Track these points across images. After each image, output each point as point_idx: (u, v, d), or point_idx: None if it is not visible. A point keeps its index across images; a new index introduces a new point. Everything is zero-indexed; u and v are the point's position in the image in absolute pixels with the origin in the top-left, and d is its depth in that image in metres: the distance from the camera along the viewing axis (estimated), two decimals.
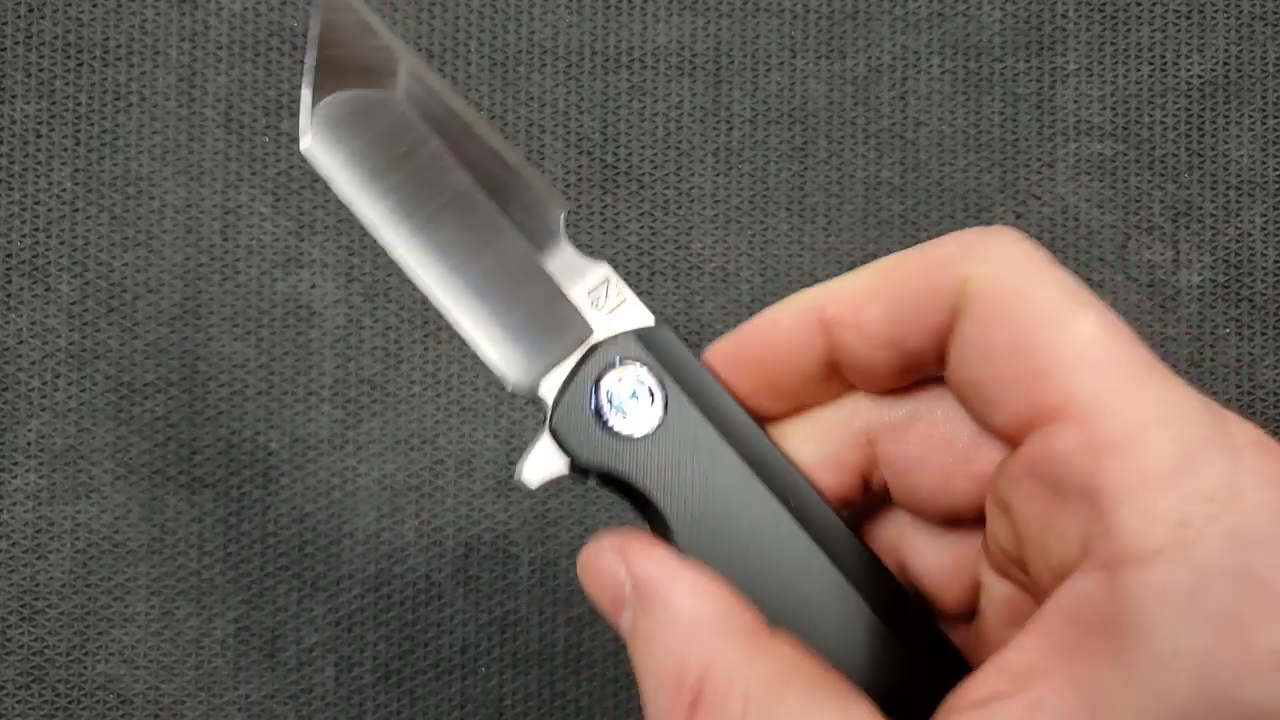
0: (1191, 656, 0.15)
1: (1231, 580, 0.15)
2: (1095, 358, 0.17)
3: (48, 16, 0.39)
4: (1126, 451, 0.16)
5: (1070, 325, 0.18)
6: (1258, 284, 0.40)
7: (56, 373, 0.39)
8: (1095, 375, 0.17)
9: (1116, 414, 0.17)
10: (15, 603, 0.38)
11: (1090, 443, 0.17)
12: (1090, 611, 0.16)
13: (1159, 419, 0.17)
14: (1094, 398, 0.17)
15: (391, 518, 0.39)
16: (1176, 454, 0.16)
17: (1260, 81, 0.41)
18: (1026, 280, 0.18)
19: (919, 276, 0.19)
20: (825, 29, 0.41)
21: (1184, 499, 0.16)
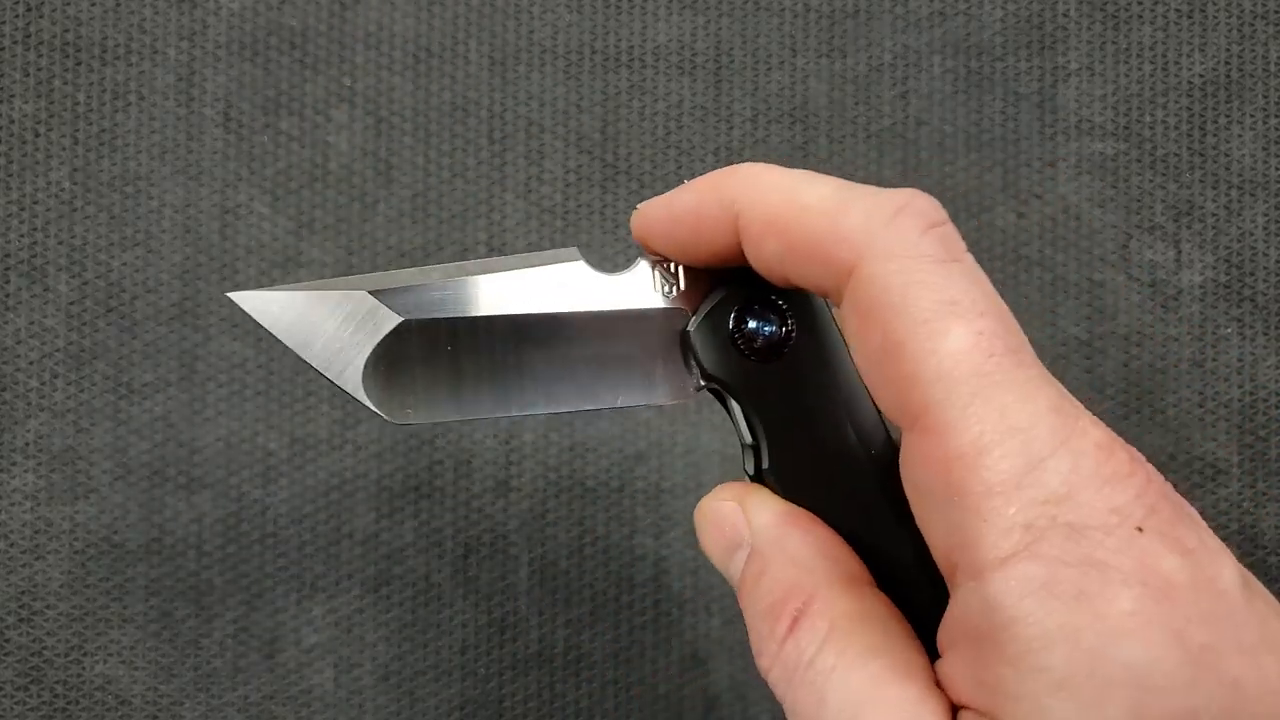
0: (1058, 632, 0.17)
1: (1076, 566, 0.17)
2: (954, 371, 0.18)
3: (46, 16, 0.39)
4: (975, 463, 0.18)
5: (939, 337, 0.19)
6: (1259, 283, 0.40)
7: (54, 373, 0.38)
8: (951, 389, 0.18)
9: (968, 427, 0.18)
10: (13, 603, 0.38)
11: (943, 455, 0.18)
12: (974, 623, 0.18)
13: (1006, 431, 0.18)
14: (948, 410, 0.18)
15: (390, 519, 0.39)
16: (1021, 464, 0.18)
17: (1262, 81, 0.41)
18: (908, 281, 0.19)
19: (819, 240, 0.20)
20: (826, 28, 0.40)
21: (1028, 504, 0.18)
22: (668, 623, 0.39)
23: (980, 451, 0.18)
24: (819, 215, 0.20)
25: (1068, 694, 0.17)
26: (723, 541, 0.23)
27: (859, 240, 0.20)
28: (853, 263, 0.20)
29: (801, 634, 0.21)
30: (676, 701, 0.39)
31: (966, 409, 0.18)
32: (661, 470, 0.39)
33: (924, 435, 0.18)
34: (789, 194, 0.21)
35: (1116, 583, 0.17)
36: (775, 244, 0.21)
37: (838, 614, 0.21)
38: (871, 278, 0.19)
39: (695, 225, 0.22)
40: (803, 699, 0.20)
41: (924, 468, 0.19)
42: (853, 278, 0.20)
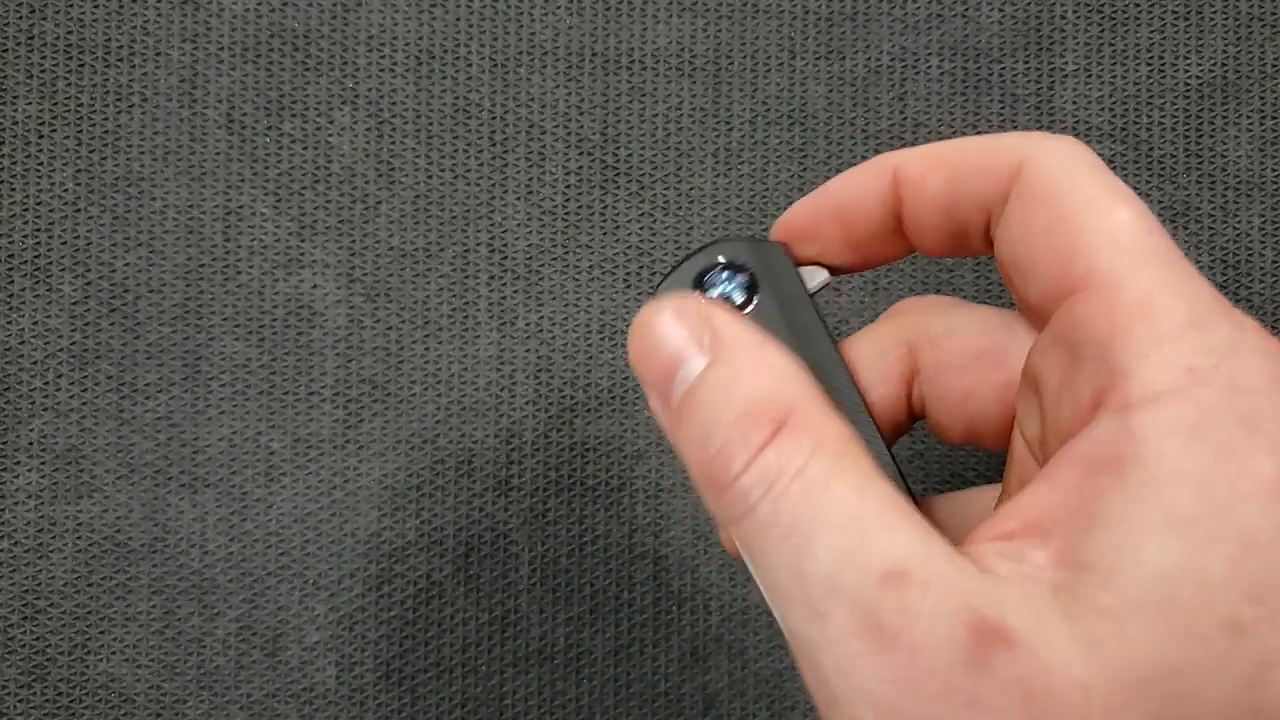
0: (1192, 475, 0.17)
1: (1231, 419, 0.17)
2: (1122, 239, 0.19)
3: (49, 18, 0.39)
4: (1141, 310, 0.18)
5: (1105, 212, 0.19)
6: (1255, 285, 0.40)
7: (58, 373, 0.39)
8: (1120, 253, 0.19)
9: (1134, 283, 0.18)
10: (17, 602, 0.38)
11: (1108, 306, 0.18)
12: (1099, 451, 0.18)
13: (1173, 290, 0.18)
14: (1116, 270, 0.19)
15: (392, 517, 0.39)
16: (1186, 315, 0.18)
17: (1259, 82, 0.41)
18: (1075, 171, 0.20)
19: (982, 154, 0.21)
20: (824, 30, 0.41)
21: (1192, 350, 0.18)
22: (667, 620, 0.39)
23: (1149, 301, 0.18)
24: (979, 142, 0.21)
25: (1179, 532, 0.16)
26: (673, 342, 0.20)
27: (1023, 145, 0.21)
28: (1019, 163, 0.20)
29: (785, 442, 0.18)
30: (676, 699, 0.39)
31: (1134, 268, 0.19)
32: (662, 469, 0.39)
33: (1088, 292, 0.19)
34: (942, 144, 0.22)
35: (1262, 448, 0.17)
36: (940, 175, 0.22)
37: (825, 432, 0.19)
38: (1040, 167, 0.20)
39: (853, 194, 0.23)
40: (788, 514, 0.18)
41: (1085, 322, 0.19)
42: (1021, 174, 0.20)
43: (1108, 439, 0.17)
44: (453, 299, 0.39)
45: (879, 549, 0.17)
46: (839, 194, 0.23)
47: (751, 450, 0.18)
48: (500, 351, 0.39)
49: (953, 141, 0.22)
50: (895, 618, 0.17)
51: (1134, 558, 0.16)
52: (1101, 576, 0.17)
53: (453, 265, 0.39)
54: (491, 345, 0.39)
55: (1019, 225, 0.20)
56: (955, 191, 0.22)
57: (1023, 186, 0.20)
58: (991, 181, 0.21)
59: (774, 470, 0.18)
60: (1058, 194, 0.20)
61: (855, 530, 0.17)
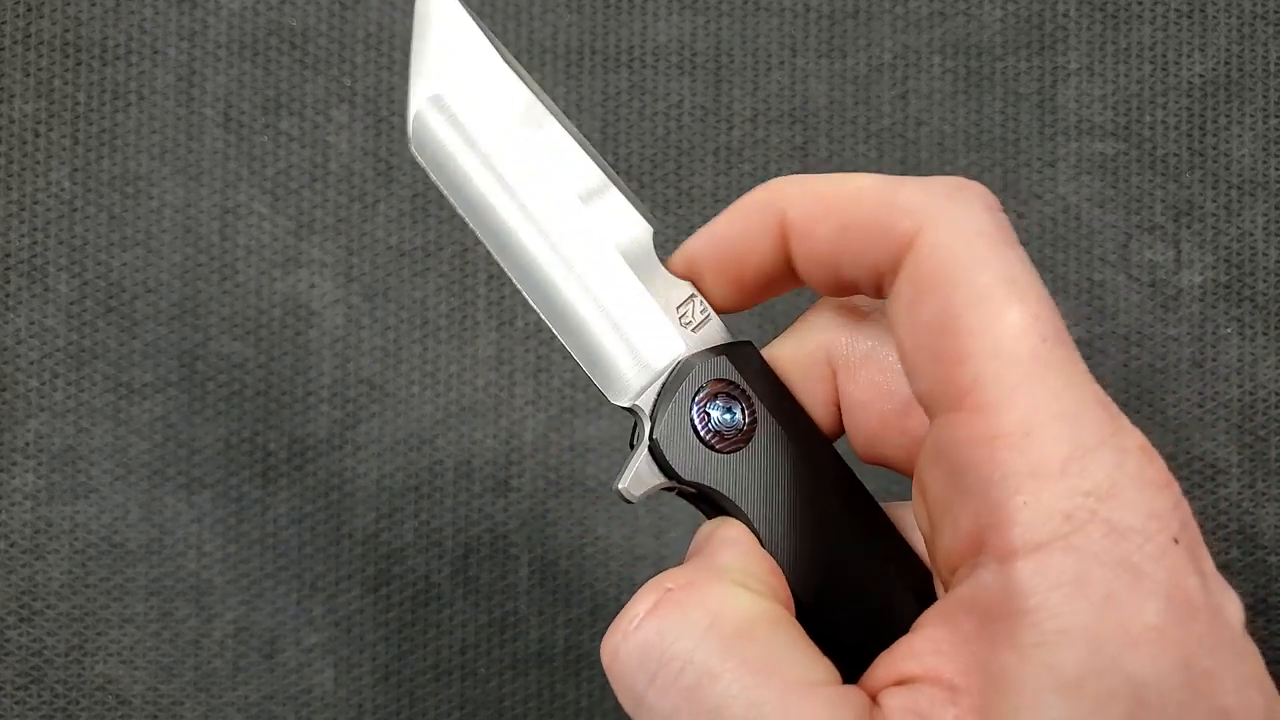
0: (1078, 632, 0.16)
1: (1111, 567, 0.17)
2: (1010, 350, 0.18)
3: (46, 16, 0.39)
4: (1021, 444, 0.17)
5: (997, 314, 0.18)
6: (1259, 284, 0.40)
7: (55, 373, 0.38)
8: (1005, 367, 0.18)
9: (1016, 407, 0.18)
10: (14, 603, 0.38)
11: (988, 433, 0.18)
12: (988, 600, 0.17)
13: (1056, 416, 0.17)
14: (998, 389, 0.18)
15: (390, 519, 0.39)
16: (1066, 451, 0.17)
17: (1262, 81, 0.41)
18: (970, 256, 0.19)
19: (875, 214, 0.20)
20: (826, 28, 0.40)
21: (1070, 492, 0.17)
22: None
23: (1027, 432, 0.17)
24: (874, 193, 0.20)
25: (1072, 695, 0.16)
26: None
27: (921, 210, 0.19)
28: (913, 232, 0.19)
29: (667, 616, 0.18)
30: None
31: (1017, 388, 0.18)
32: None
33: (969, 413, 0.18)
34: (838, 182, 0.20)
35: (1146, 592, 0.17)
36: (828, 226, 0.20)
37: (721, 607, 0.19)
38: (934, 247, 0.19)
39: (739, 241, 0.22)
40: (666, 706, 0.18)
41: (964, 447, 0.18)
42: (913, 248, 0.19)
43: (996, 590, 0.17)
44: (451, 299, 0.39)
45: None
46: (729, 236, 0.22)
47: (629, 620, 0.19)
48: (499, 351, 0.39)
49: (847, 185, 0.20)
50: None
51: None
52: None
53: (451, 265, 0.39)
54: (490, 345, 0.39)
55: (907, 312, 0.19)
56: (843, 248, 0.20)
57: (914, 267, 0.19)
58: (883, 247, 0.19)
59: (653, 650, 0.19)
60: (949, 283, 0.18)
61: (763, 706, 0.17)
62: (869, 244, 0.20)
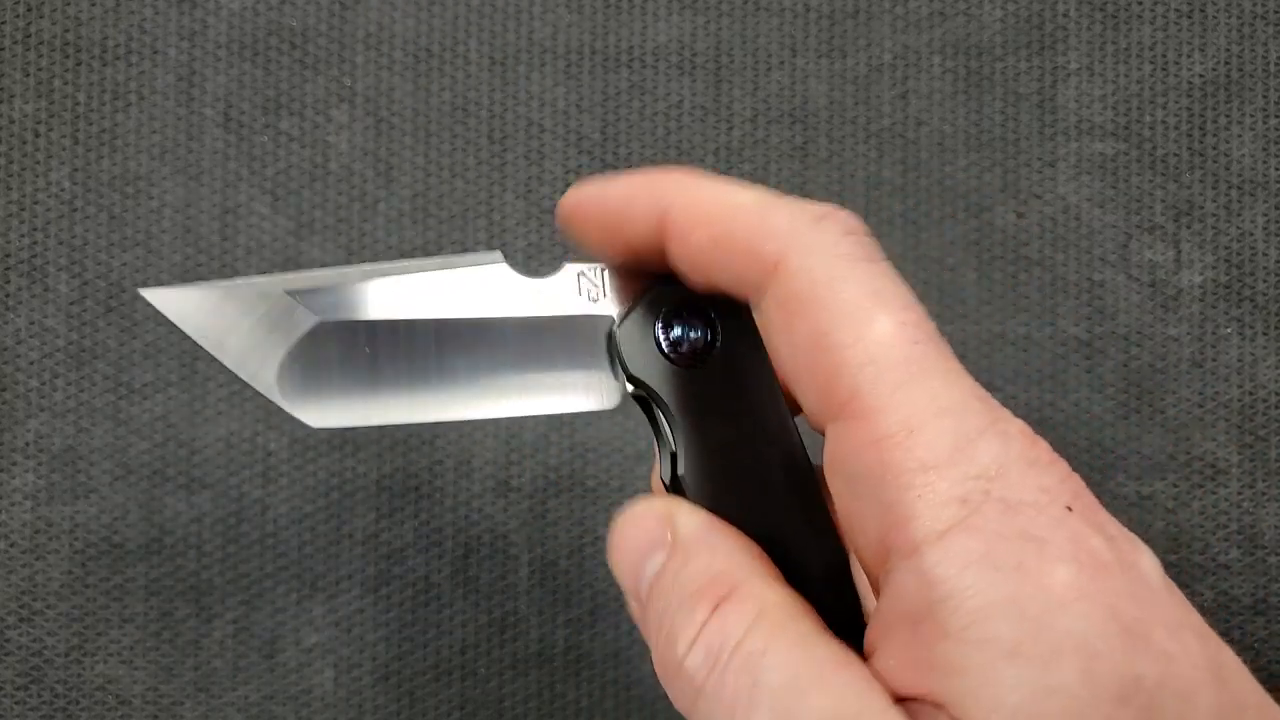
0: (1003, 603, 0.17)
1: (1014, 539, 0.17)
2: (883, 357, 0.19)
3: (46, 16, 0.39)
4: (906, 442, 0.18)
5: (865, 325, 0.19)
6: (1259, 284, 0.40)
7: (55, 373, 0.38)
8: (880, 374, 0.19)
9: (896, 409, 0.18)
10: (14, 603, 0.38)
11: (873, 437, 0.18)
12: (911, 603, 0.18)
13: (936, 412, 0.18)
14: (876, 394, 0.19)
15: (390, 519, 0.39)
16: (951, 442, 0.18)
17: (1262, 81, 0.41)
18: (833, 276, 0.20)
19: (746, 235, 0.20)
20: (826, 28, 0.40)
21: (961, 479, 0.18)
22: None
23: (911, 430, 0.18)
24: (748, 212, 0.21)
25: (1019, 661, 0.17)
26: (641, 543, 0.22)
27: (786, 236, 0.20)
28: (778, 257, 0.20)
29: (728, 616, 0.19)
30: None
31: (895, 392, 0.18)
32: None
33: (852, 421, 0.19)
34: (719, 193, 0.21)
35: (1053, 557, 0.17)
36: (702, 237, 0.21)
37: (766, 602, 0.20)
38: (798, 271, 0.20)
39: (622, 214, 0.22)
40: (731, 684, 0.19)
41: (854, 454, 0.19)
42: (778, 272, 0.20)
43: (911, 589, 0.18)
44: None
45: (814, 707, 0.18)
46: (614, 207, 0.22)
47: (695, 628, 0.19)
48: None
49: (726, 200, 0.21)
50: None
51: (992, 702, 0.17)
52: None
53: None
54: None
55: (779, 333, 0.20)
56: (714, 258, 0.21)
57: (781, 290, 0.20)
58: (751, 266, 0.20)
59: (716, 646, 0.19)
60: (815, 303, 0.19)
61: (792, 692, 0.18)
62: (738, 260, 0.21)
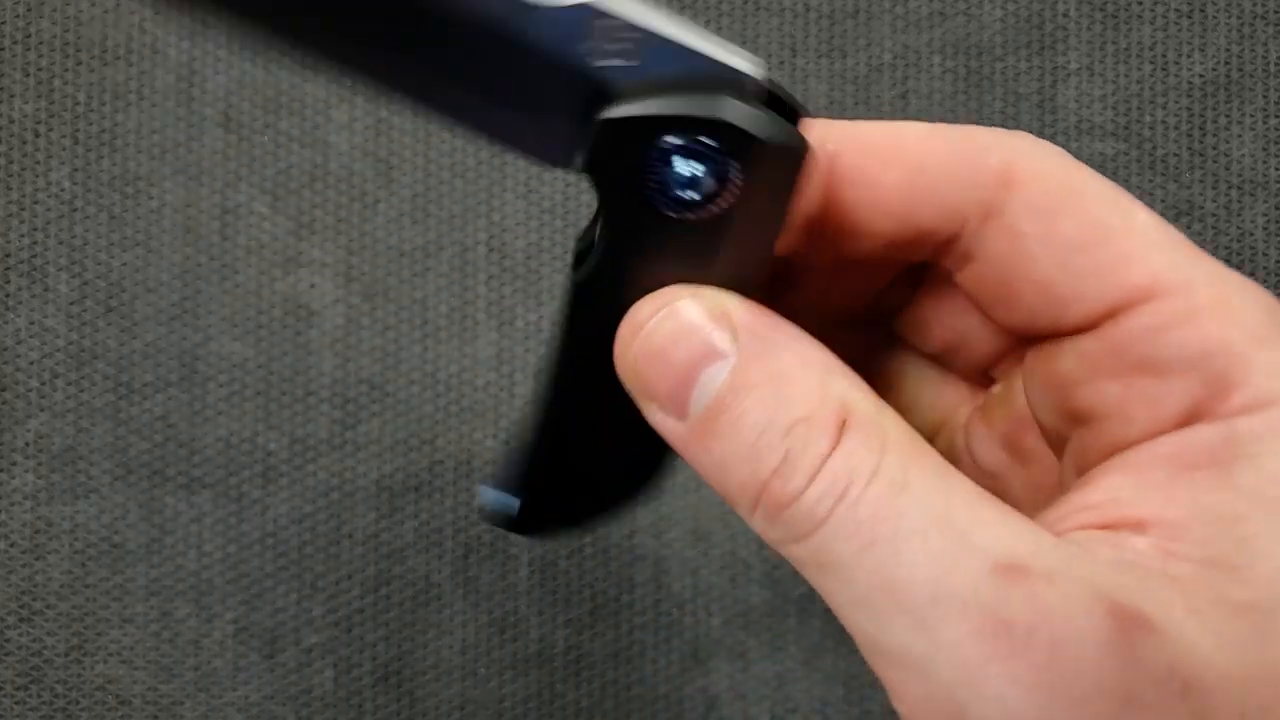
0: None
1: None
2: (1165, 241, 0.18)
3: (46, 15, 0.39)
4: (1225, 317, 0.17)
5: (1133, 214, 0.18)
6: (1259, 283, 0.40)
7: (55, 373, 0.38)
8: (1171, 255, 0.18)
9: (1202, 287, 0.17)
10: (13, 604, 0.38)
11: (1188, 314, 0.17)
12: (1195, 452, 0.16)
13: (1239, 287, 0.17)
14: (1177, 275, 0.17)
15: (390, 518, 0.39)
16: (1265, 314, 0.17)
17: (1262, 81, 0.41)
18: (1076, 171, 0.18)
19: (955, 153, 0.18)
20: (826, 28, 0.40)
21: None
22: (668, 623, 0.39)
23: (1226, 305, 0.17)
24: (946, 135, 0.18)
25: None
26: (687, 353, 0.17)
27: (1006, 146, 0.18)
28: (1005, 166, 0.18)
29: (853, 443, 0.16)
30: (676, 702, 0.38)
31: (1194, 272, 0.17)
32: None
33: (1156, 302, 0.17)
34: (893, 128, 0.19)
35: None
36: (899, 172, 0.18)
37: (889, 428, 0.17)
38: (1041, 173, 0.18)
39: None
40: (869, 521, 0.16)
41: (1159, 332, 0.17)
42: (1016, 181, 0.18)
43: (1205, 442, 0.16)
44: (451, 299, 0.39)
45: (984, 544, 0.15)
46: None
47: (816, 460, 0.16)
48: (499, 351, 0.39)
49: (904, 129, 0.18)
50: (1025, 613, 0.15)
51: (1264, 554, 0.16)
52: (1228, 572, 0.16)
53: (451, 265, 0.39)
54: (490, 345, 0.39)
55: (1039, 238, 0.18)
56: (917, 196, 0.18)
57: (1031, 197, 0.18)
58: (970, 187, 0.18)
59: (844, 477, 0.16)
60: (1078, 198, 0.18)
61: (950, 528, 0.16)
62: (951, 185, 0.18)
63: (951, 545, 0.16)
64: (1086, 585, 0.15)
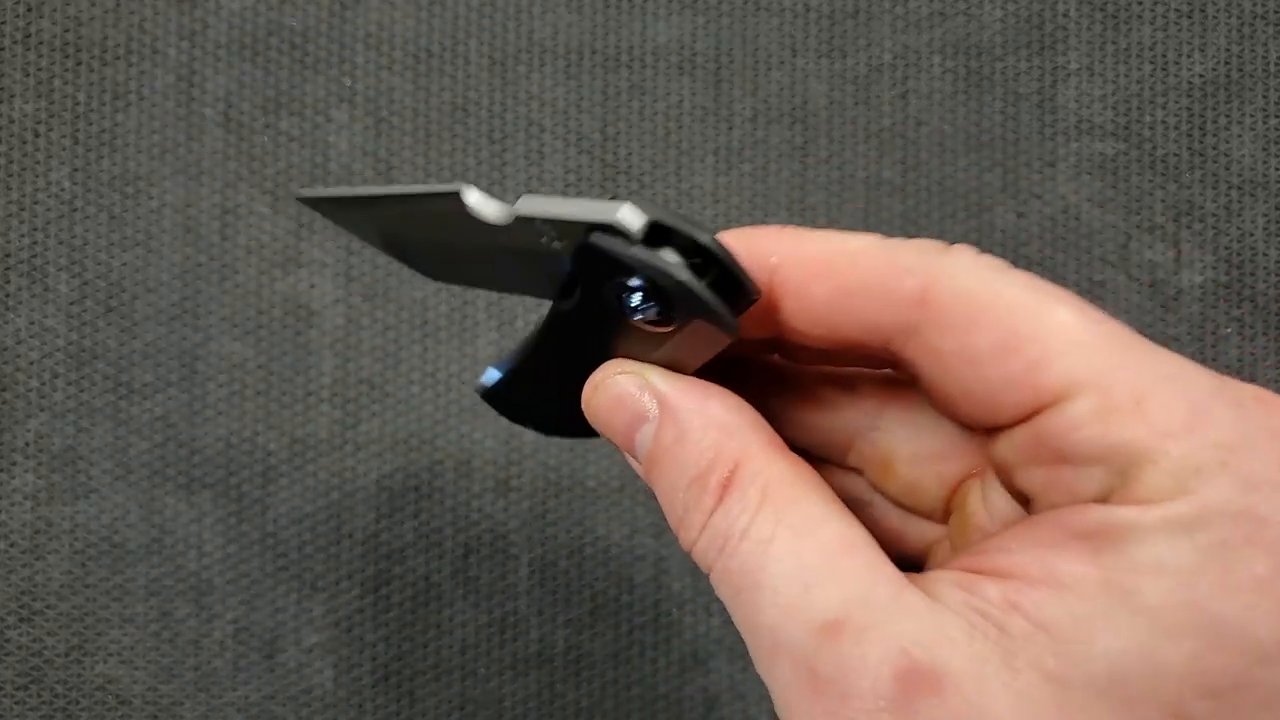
0: (1174, 569, 0.16)
1: (1233, 517, 0.16)
2: (1083, 339, 0.18)
3: (46, 16, 0.39)
4: (1137, 412, 0.17)
5: (1049, 317, 0.18)
6: (1259, 284, 0.40)
7: (55, 373, 0.38)
8: (1089, 354, 0.18)
9: (1121, 382, 0.17)
10: (14, 604, 0.38)
11: (1100, 411, 0.17)
12: (1080, 525, 0.17)
13: (1163, 379, 0.17)
14: (1094, 373, 0.18)
15: (390, 518, 0.39)
16: (1186, 408, 0.17)
17: (1262, 81, 0.41)
18: (993, 282, 0.19)
19: (879, 276, 0.19)
20: (826, 28, 0.40)
21: (1197, 447, 0.17)
22: (668, 623, 0.39)
23: (1142, 400, 0.17)
24: (872, 255, 0.20)
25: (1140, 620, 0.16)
26: (624, 416, 0.21)
27: (923, 267, 0.19)
28: (922, 290, 0.19)
29: (731, 502, 0.19)
30: (676, 702, 0.38)
31: (1112, 369, 0.18)
32: None
33: (1070, 402, 0.18)
34: (830, 241, 0.20)
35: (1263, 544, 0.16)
36: (824, 288, 0.20)
37: (770, 479, 0.19)
38: (955, 292, 0.19)
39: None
40: (737, 573, 0.19)
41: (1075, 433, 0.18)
42: (929, 302, 0.19)
43: (1098, 519, 0.17)
44: (451, 299, 0.39)
45: (819, 600, 0.18)
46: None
47: (703, 516, 0.20)
48: (499, 351, 0.39)
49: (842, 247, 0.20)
50: (832, 668, 0.17)
51: (1091, 633, 0.17)
52: (1054, 641, 0.17)
53: None
54: (490, 345, 0.39)
55: (958, 356, 0.19)
56: (843, 311, 0.20)
57: (943, 315, 0.19)
58: (889, 308, 0.19)
59: (722, 532, 0.19)
60: (988, 312, 0.19)
61: (797, 583, 0.18)
62: (873, 306, 0.20)
63: (793, 601, 0.18)
64: (889, 642, 0.17)
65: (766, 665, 0.19)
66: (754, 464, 0.19)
